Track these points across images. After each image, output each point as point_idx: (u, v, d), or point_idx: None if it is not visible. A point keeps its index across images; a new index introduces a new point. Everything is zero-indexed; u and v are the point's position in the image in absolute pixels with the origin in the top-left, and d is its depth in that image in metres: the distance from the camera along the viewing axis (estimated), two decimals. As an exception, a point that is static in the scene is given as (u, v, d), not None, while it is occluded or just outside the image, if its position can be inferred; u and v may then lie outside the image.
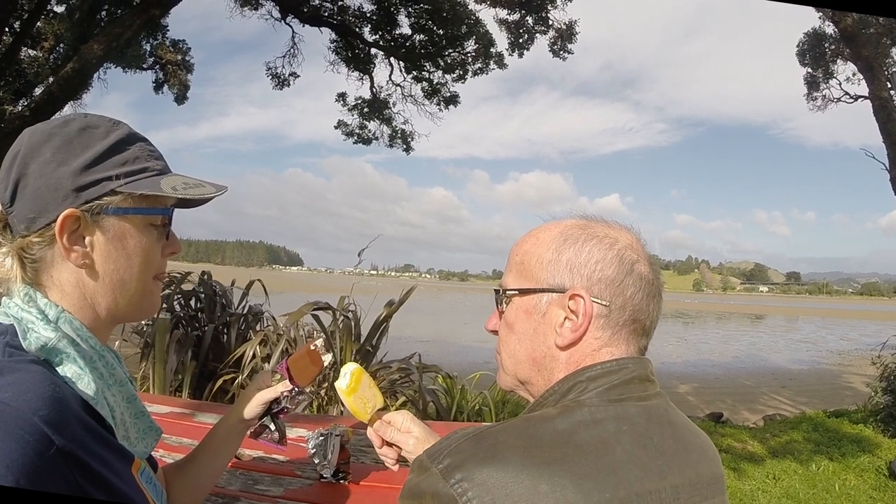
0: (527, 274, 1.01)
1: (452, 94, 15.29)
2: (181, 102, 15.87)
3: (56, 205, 0.94)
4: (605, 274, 0.95)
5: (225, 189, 1.12)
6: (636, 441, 0.85)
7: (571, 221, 1.03)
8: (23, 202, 0.95)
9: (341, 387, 1.40)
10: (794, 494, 5.68)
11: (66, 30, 12.80)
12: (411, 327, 23.36)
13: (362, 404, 1.39)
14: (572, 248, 0.97)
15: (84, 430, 0.86)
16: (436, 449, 0.86)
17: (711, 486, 0.93)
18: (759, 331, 48.53)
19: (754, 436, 7.95)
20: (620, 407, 0.89)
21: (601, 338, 0.95)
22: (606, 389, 0.90)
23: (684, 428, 0.95)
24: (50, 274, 0.97)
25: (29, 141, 0.97)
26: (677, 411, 0.98)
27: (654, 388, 0.96)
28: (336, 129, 16.18)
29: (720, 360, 23.27)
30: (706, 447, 0.98)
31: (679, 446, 0.91)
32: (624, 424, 0.86)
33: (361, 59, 14.97)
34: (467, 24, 13.91)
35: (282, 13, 13.74)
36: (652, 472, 0.83)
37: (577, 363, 0.95)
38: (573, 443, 0.82)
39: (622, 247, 0.97)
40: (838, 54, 13.57)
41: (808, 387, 15.67)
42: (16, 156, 0.96)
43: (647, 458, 0.84)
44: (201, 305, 6.21)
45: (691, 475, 0.89)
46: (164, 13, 10.84)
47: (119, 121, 1.04)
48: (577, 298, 0.94)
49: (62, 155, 0.96)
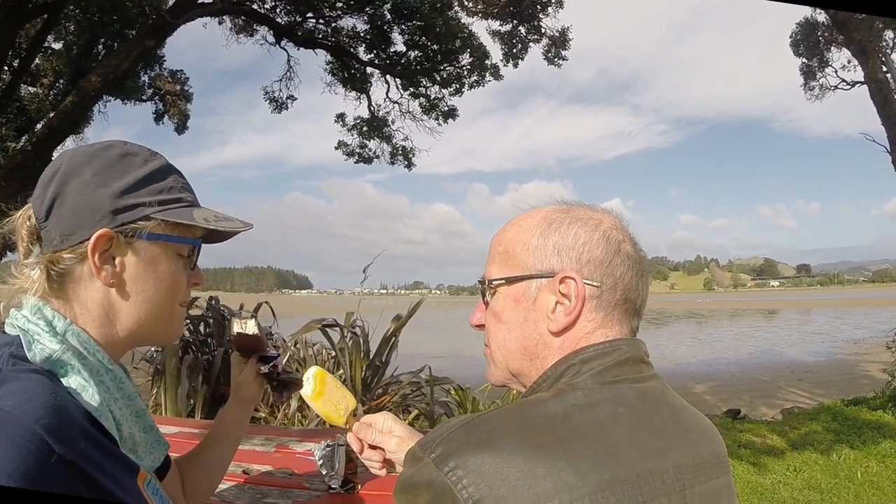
0: (512, 262, 0.99)
1: (450, 108, 15.34)
2: (182, 132, 15.98)
3: (92, 224, 0.97)
4: (594, 255, 0.93)
5: (250, 226, 1.16)
6: (634, 422, 0.83)
7: (552, 207, 1.01)
8: (58, 218, 0.97)
9: (306, 393, 1.37)
10: (817, 485, 5.62)
11: (64, 65, 12.99)
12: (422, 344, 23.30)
13: (333, 407, 1.37)
14: (558, 232, 0.95)
15: (86, 440, 0.86)
16: (428, 439, 0.84)
17: (715, 467, 0.91)
18: (772, 325, 48.34)
19: (773, 429, 7.87)
20: (616, 389, 0.87)
21: (594, 320, 0.93)
22: (600, 371, 0.88)
23: (683, 409, 0.94)
24: (75, 289, 0.99)
25: (70, 161, 1.00)
26: (674, 394, 0.96)
27: (650, 369, 0.94)
28: (337, 149, 16.23)
29: (735, 357, 23.16)
30: (706, 428, 0.96)
31: (679, 427, 0.89)
32: (620, 406, 0.84)
33: (358, 78, 15.04)
34: (461, 37, 13.96)
35: (276, 37, 13.84)
36: (653, 453, 0.82)
37: (571, 348, 0.93)
38: (569, 426, 0.80)
39: (607, 227, 0.96)
40: (832, 41, 13.60)
41: (824, 378, 15.58)
42: (55, 174, 0.99)
43: (647, 439, 0.83)
44: (210, 330, 6.23)
45: (693, 455, 0.87)
46: (160, 44, 10.92)
47: (156, 152, 1.08)
48: (567, 281, 0.92)
49: (102, 177, 0.99)
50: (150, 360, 5.48)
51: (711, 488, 0.89)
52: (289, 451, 2.22)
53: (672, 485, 0.82)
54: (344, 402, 1.38)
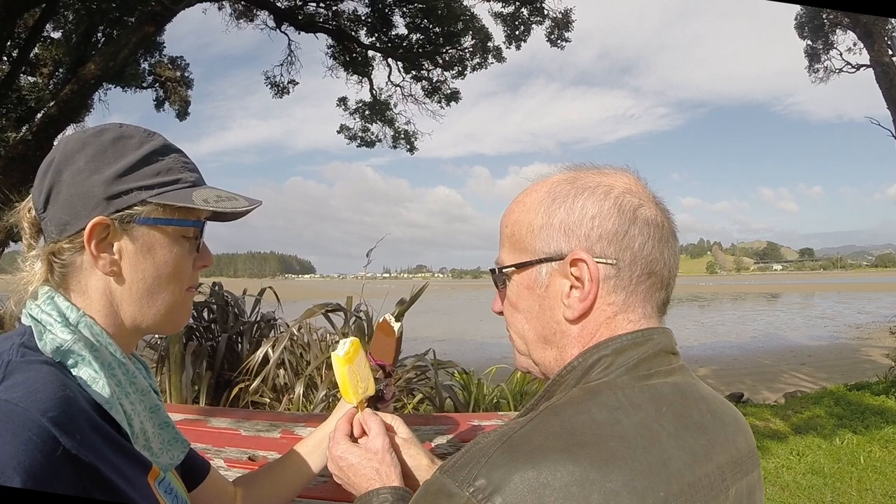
0: (520, 246, 0.91)
1: (453, 91, 15.30)
2: (183, 118, 15.98)
3: (87, 212, 0.94)
4: (606, 229, 0.84)
5: (259, 203, 1.10)
6: (678, 422, 0.77)
7: (558, 177, 0.92)
8: (55, 209, 0.95)
9: (338, 354, 1.31)
10: (820, 469, 5.64)
11: (64, 54, 12.94)
12: (426, 328, 23.34)
13: (355, 381, 1.31)
14: (563, 207, 0.87)
15: (95, 434, 0.85)
16: (459, 465, 0.73)
17: (750, 460, 0.87)
18: (775, 309, 48.42)
19: (776, 413, 7.90)
20: (653, 386, 0.80)
21: (615, 303, 0.85)
22: (635, 365, 0.81)
23: (714, 400, 0.88)
24: (78, 279, 0.97)
25: (64, 149, 0.97)
26: (703, 384, 0.90)
27: (678, 360, 0.88)
28: (339, 133, 16.23)
29: (738, 341, 23.23)
30: (738, 418, 0.91)
31: (717, 421, 0.83)
32: (663, 405, 0.78)
33: (359, 62, 14.98)
34: (463, 20, 13.90)
35: (277, 22, 13.77)
36: (699, 456, 0.76)
37: (592, 335, 0.86)
38: (618, 434, 0.72)
39: (619, 192, 0.87)
40: (837, 24, 13.47)
41: (827, 362, 15.61)
42: (51, 163, 0.97)
43: (692, 440, 0.77)
44: (214, 316, 6.22)
45: (732, 451, 0.82)
46: (159, 30, 10.87)
47: (154, 132, 1.04)
48: (578, 263, 0.84)
49: (95, 164, 0.96)
50: (154, 346, 5.48)
51: (748, 482, 0.85)
52: (294, 436, 2.20)
53: (719, 486, 0.77)
54: (365, 383, 1.33)
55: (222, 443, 2.04)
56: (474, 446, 0.75)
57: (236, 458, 1.96)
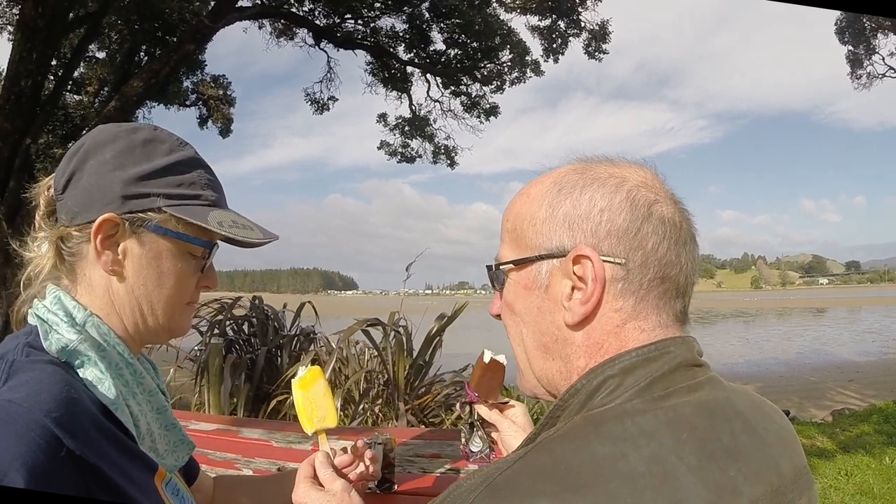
0: (521, 240, 0.82)
1: (492, 106, 15.25)
2: (226, 136, 16.19)
3: (101, 206, 0.94)
4: (615, 224, 0.75)
5: (275, 238, 1.08)
6: (702, 450, 0.64)
7: (568, 167, 0.83)
8: (73, 194, 0.96)
9: (294, 381, 1.33)
10: (869, 490, 5.44)
11: (108, 73, 13.24)
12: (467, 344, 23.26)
13: (310, 408, 1.30)
14: (569, 199, 0.78)
15: (99, 434, 0.84)
16: None
17: (796, 485, 0.73)
18: (821, 324, 47.37)
19: (823, 431, 7.68)
20: (671, 408, 0.67)
21: (623, 309, 0.75)
22: (648, 385, 0.70)
23: (755, 413, 0.75)
24: (84, 271, 0.97)
25: (95, 138, 0.98)
26: (739, 392, 0.77)
27: (705, 372, 0.75)
28: (379, 149, 16.29)
29: (784, 357, 22.77)
30: (784, 433, 0.78)
31: (755, 441, 0.70)
32: (683, 432, 0.65)
33: (398, 78, 15.05)
34: (500, 34, 13.89)
35: (315, 39, 13.91)
36: (726, 491, 0.63)
37: (599, 345, 0.76)
38: (622, 472, 0.60)
39: (633, 185, 0.77)
40: (878, 28, 13.19)
41: (875, 378, 15.19)
42: (79, 148, 0.98)
43: (718, 473, 0.64)
44: (254, 329, 6.29)
45: (773, 479, 0.69)
46: (200, 48, 11.09)
47: (186, 142, 1.04)
48: (582, 260, 0.74)
49: (121, 160, 0.96)
50: (194, 359, 5.55)
51: None
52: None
53: None
54: (322, 413, 1.32)
55: (253, 453, 2.05)
56: (456, 489, 0.66)
57: (266, 468, 1.96)
